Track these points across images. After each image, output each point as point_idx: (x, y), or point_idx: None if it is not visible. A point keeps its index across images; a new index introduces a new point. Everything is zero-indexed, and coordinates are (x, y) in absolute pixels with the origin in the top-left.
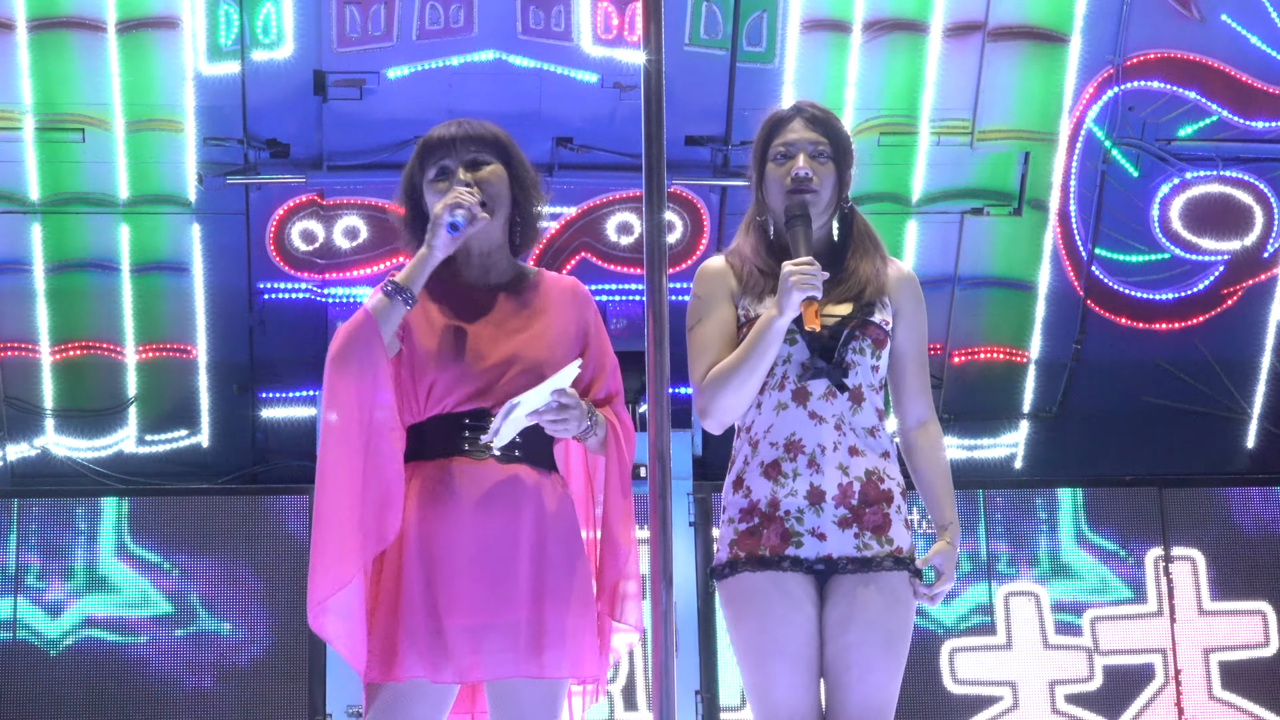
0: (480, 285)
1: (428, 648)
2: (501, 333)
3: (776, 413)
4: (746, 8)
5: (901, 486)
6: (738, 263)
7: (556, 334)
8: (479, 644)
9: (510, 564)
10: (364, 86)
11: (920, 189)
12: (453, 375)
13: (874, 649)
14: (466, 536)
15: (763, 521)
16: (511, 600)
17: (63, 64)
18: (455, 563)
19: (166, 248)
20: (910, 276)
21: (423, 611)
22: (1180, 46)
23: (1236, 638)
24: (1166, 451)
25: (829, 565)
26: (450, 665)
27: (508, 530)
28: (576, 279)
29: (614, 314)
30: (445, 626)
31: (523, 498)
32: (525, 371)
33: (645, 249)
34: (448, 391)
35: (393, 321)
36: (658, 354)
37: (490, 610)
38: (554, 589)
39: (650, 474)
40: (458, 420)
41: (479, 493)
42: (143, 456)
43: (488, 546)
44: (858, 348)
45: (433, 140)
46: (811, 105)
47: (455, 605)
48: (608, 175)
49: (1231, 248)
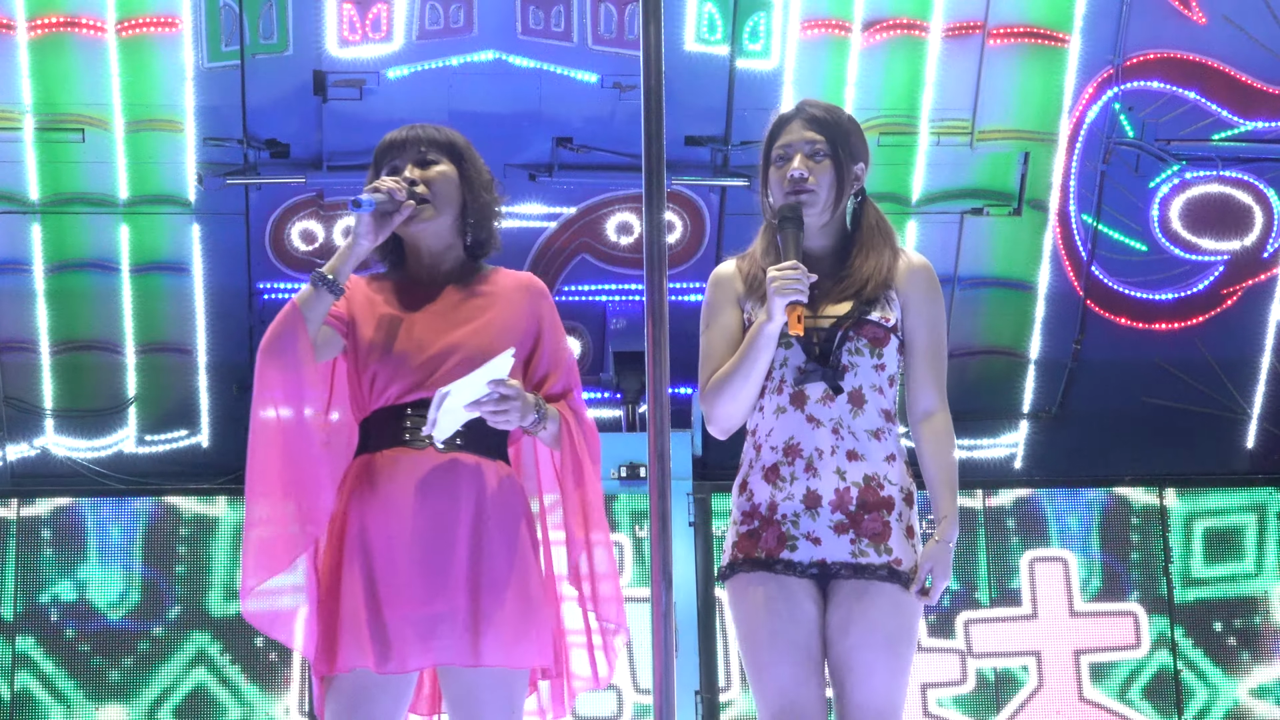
0: (427, 282)
1: (370, 638)
2: (445, 323)
3: (776, 416)
4: (746, 8)
5: (905, 492)
6: (746, 266)
7: (503, 326)
8: (418, 633)
9: (448, 551)
10: (364, 86)
11: (920, 189)
12: (394, 367)
13: (875, 651)
14: (404, 525)
15: (762, 524)
16: (449, 588)
17: (63, 64)
18: (393, 552)
19: (166, 248)
20: (921, 266)
21: (363, 602)
22: (1180, 46)
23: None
24: (1166, 451)
25: (823, 570)
26: (392, 655)
27: (445, 518)
28: (532, 275)
29: (614, 314)
30: (386, 617)
31: (461, 485)
32: (465, 361)
33: (645, 249)
34: (389, 383)
35: (319, 312)
36: (657, 354)
37: (428, 598)
38: (492, 576)
39: (650, 474)
40: (400, 412)
41: (416, 481)
42: (143, 456)
43: (425, 534)
44: (853, 348)
45: (385, 144)
46: (813, 104)
47: (395, 595)
48: (608, 175)
49: (1231, 248)
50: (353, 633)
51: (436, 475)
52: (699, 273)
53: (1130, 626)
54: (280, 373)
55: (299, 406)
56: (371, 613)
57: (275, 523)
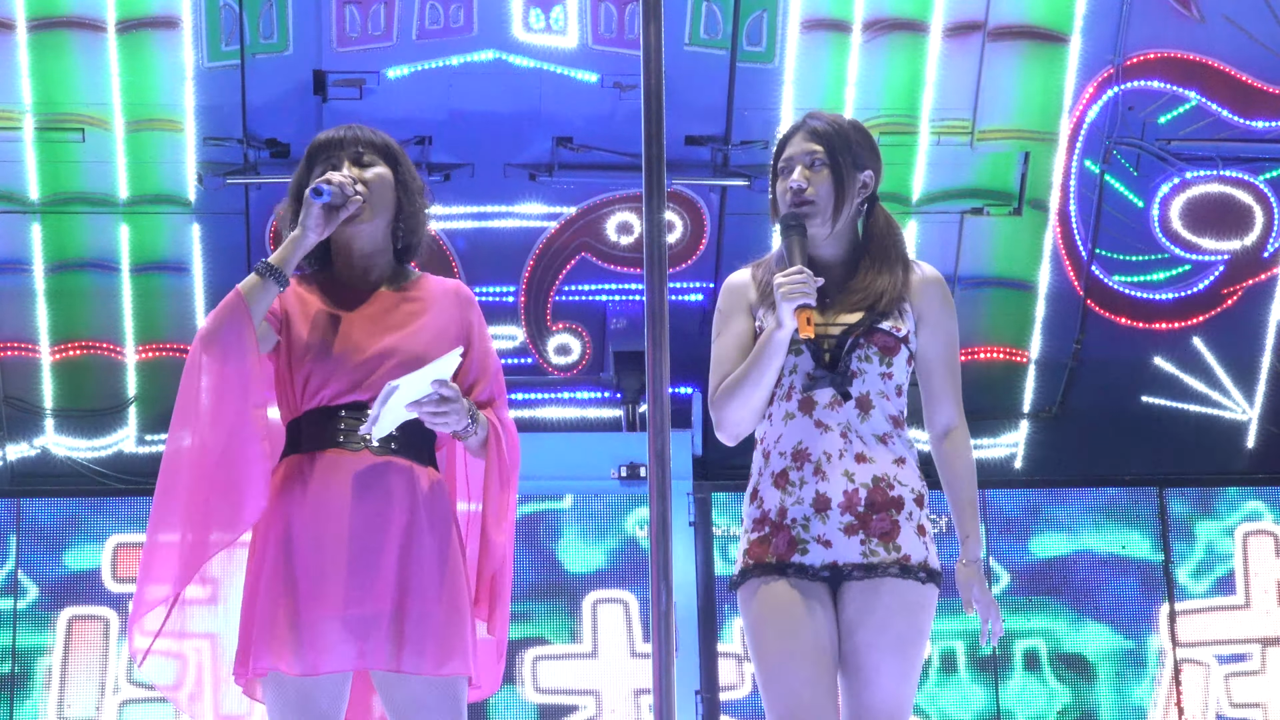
0: (360, 286)
1: (285, 638)
2: (380, 327)
3: (785, 423)
4: (746, 8)
5: (916, 493)
6: (761, 274)
7: (436, 331)
8: (340, 635)
9: (376, 555)
10: (364, 86)
11: (920, 189)
12: (329, 368)
13: (882, 651)
14: (333, 526)
15: (772, 530)
16: (374, 592)
17: (63, 64)
18: (320, 553)
19: (166, 248)
20: (935, 280)
21: (282, 603)
22: (1180, 46)
23: None
24: (1166, 451)
25: (835, 572)
26: (307, 655)
27: (376, 521)
28: (460, 282)
29: (614, 314)
30: (304, 618)
31: (394, 489)
32: (402, 365)
33: (645, 249)
34: (324, 384)
35: (264, 302)
36: (657, 354)
37: (354, 601)
38: (420, 582)
39: (650, 474)
40: (334, 413)
41: (348, 482)
42: (143, 456)
43: (355, 536)
44: (863, 355)
45: (320, 141)
46: (816, 116)
47: (317, 596)
48: (608, 175)
49: (1231, 247)
50: (268, 634)
51: (370, 477)
52: (699, 272)
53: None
54: (222, 364)
55: (242, 400)
56: (289, 614)
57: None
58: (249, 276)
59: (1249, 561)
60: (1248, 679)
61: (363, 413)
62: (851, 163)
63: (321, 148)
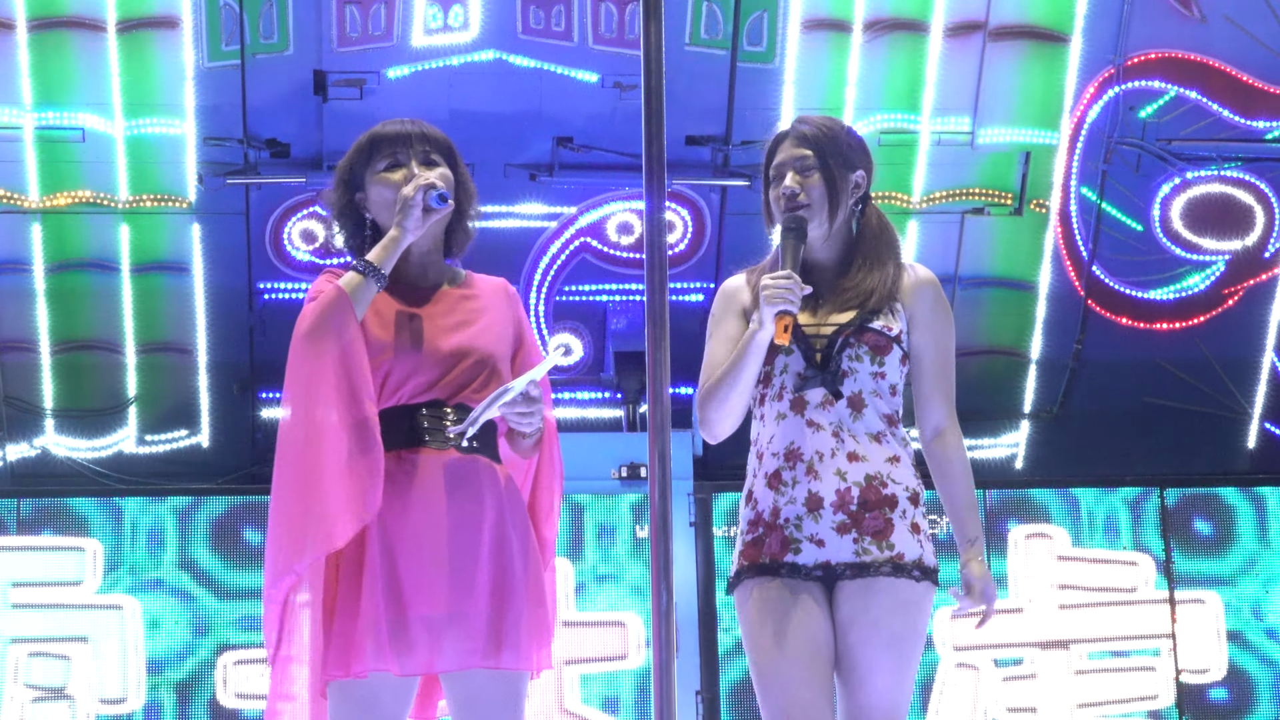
0: (420, 285)
1: (390, 640)
2: (451, 326)
3: (777, 423)
4: (746, 8)
5: (910, 491)
6: (755, 279)
7: (498, 330)
8: (442, 634)
9: (473, 554)
10: (364, 86)
11: (920, 189)
12: (409, 366)
13: (877, 650)
14: (432, 526)
15: (765, 531)
16: (473, 591)
17: (63, 64)
18: (421, 552)
19: (166, 248)
20: (928, 281)
21: (385, 603)
22: (1180, 46)
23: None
24: (1166, 451)
25: (827, 572)
26: (414, 657)
27: (471, 520)
28: (505, 280)
29: (614, 314)
30: (410, 617)
31: (484, 488)
32: (478, 363)
33: (645, 249)
34: (403, 381)
35: (365, 300)
36: (657, 354)
37: (453, 600)
38: (512, 580)
39: (650, 474)
40: (414, 411)
41: (443, 483)
42: (143, 456)
43: (453, 536)
44: (854, 354)
45: (386, 134)
46: (804, 121)
47: (420, 595)
48: (608, 175)
49: (1232, 248)
50: (373, 636)
51: (461, 476)
52: (699, 273)
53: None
54: (334, 357)
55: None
56: (394, 614)
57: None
58: (348, 275)
59: (1024, 563)
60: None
61: (440, 410)
62: (842, 163)
63: (387, 141)
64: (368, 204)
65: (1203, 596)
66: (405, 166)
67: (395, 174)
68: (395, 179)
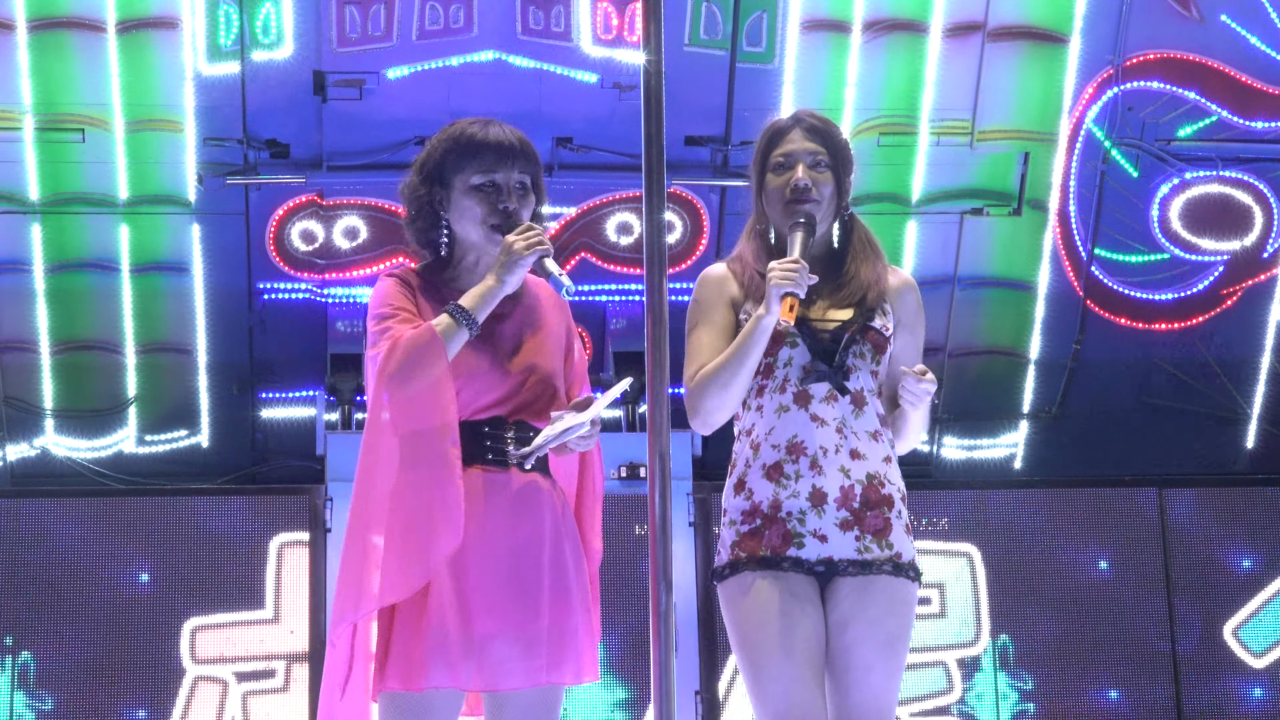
0: None
1: (460, 656)
2: (514, 343)
3: (778, 415)
4: (746, 8)
5: (902, 492)
6: (739, 269)
7: (555, 342)
8: (507, 651)
9: (536, 571)
10: (364, 86)
11: (920, 189)
12: (476, 384)
13: (873, 649)
14: (497, 544)
15: (765, 523)
16: (538, 607)
17: (63, 64)
18: (488, 569)
19: (166, 248)
20: (911, 285)
21: (454, 619)
22: (1180, 46)
23: None
24: (1166, 451)
25: (829, 567)
26: (481, 673)
27: (533, 537)
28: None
29: (614, 314)
30: (477, 633)
31: (543, 506)
32: (540, 381)
33: (645, 249)
34: (471, 400)
35: (455, 347)
36: (657, 354)
37: (520, 617)
38: (568, 595)
39: (650, 474)
40: (479, 428)
41: (507, 501)
42: (143, 456)
43: (518, 553)
44: (858, 351)
45: (488, 142)
46: (810, 115)
47: (489, 611)
48: (608, 175)
49: (1231, 248)
50: (441, 652)
51: (524, 496)
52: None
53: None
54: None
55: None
56: (463, 630)
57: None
58: (443, 319)
59: (281, 572)
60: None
61: (502, 428)
62: (846, 167)
63: (489, 151)
64: (448, 205)
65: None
66: (501, 190)
67: (490, 193)
68: (489, 198)
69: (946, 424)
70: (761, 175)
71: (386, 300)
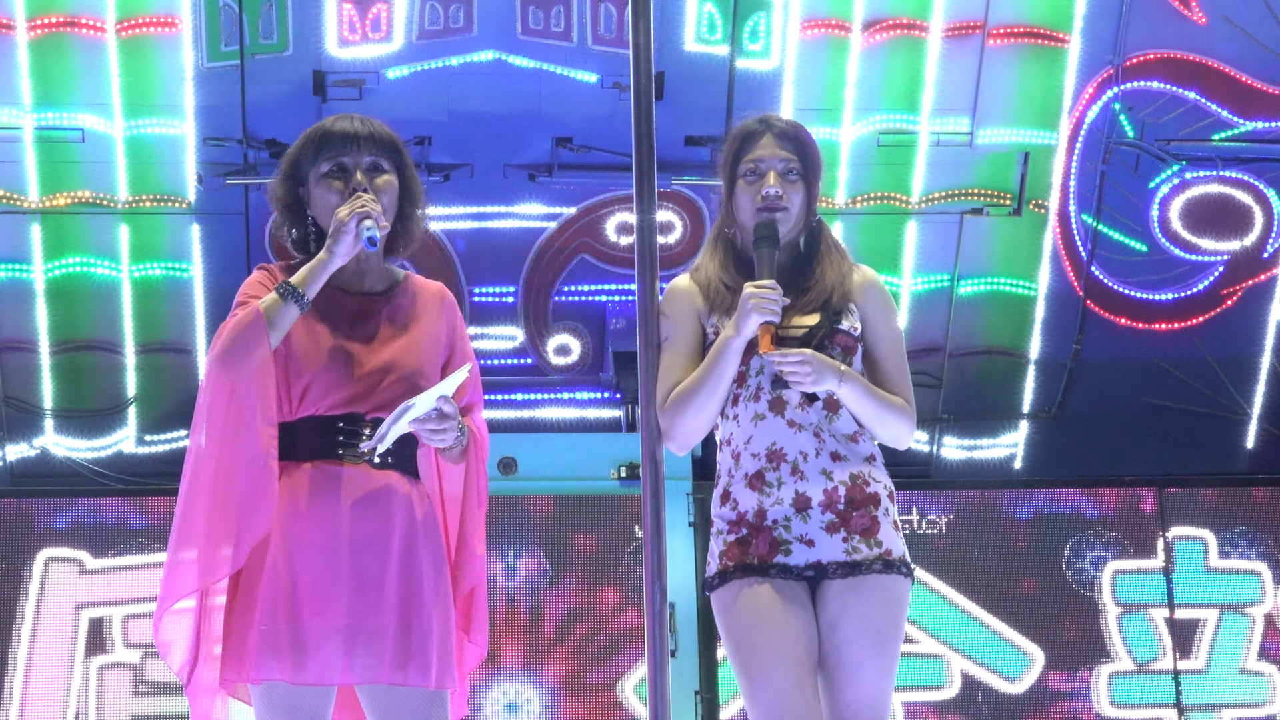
0: (354, 290)
1: (287, 648)
2: (378, 340)
3: (755, 424)
4: (746, 8)
5: (888, 489)
6: (704, 280)
7: (429, 342)
8: (344, 647)
9: (381, 569)
10: (364, 86)
11: (920, 189)
12: (330, 379)
13: (864, 647)
14: (338, 539)
15: (751, 532)
16: (380, 606)
17: (63, 64)
18: (325, 564)
19: (166, 248)
20: (874, 278)
21: (284, 612)
22: (1180, 46)
23: None
24: (1166, 451)
25: (818, 571)
26: (309, 668)
27: (380, 535)
28: (443, 285)
29: (614, 314)
30: (308, 627)
31: (395, 504)
32: (400, 380)
33: (636, 250)
34: (324, 395)
35: (283, 325)
36: (649, 355)
37: (357, 613)
38: (421, 597)
39: (643, 475)
40: (331, 424)
41: (353, 497)
42: (142, 456)
43: (358, 550)
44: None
45: (334, 133)
46: (779, 119)
47: (322, 606)
48: (607, 175)
49: (1231, 248)
50: (269, 643)
51: (371, 492)
52: None
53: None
54: (239, 380)
55: (253, 418)
56: (291, 624)
57: (219, 534)
58: (269, 296)
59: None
60: None
61: (358, 424)
62: (816, 175)
63: (336, 141)
64: (310, 201)
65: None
66: (350, 174)
67: (338, 180)
68: (337, 185)
69: (946, 424)
70: (732, 181)
71: (244, 290)
